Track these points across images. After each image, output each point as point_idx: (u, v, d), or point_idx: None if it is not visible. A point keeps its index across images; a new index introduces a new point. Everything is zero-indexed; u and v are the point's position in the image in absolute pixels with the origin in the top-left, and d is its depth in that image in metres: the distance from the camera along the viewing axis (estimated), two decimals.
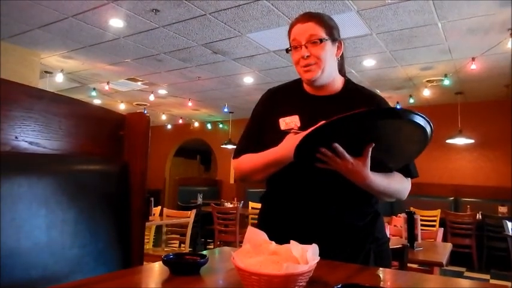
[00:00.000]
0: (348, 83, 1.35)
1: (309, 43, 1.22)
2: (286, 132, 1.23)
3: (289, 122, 1.25)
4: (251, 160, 1.28)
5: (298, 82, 1.37)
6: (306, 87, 1.34)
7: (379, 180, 1.13)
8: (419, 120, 0.95)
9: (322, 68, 1.23)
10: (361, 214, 1.24)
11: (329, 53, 1.24)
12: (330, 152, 1.00)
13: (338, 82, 1.32)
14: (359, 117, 0.92)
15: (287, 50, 1.29)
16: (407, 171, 1.26)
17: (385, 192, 1.19)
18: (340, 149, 1.00)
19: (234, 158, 1.36)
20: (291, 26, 1.28)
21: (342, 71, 1.35)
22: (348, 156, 1.02)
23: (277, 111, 1.30)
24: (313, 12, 1.28)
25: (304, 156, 1.04)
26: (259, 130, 1.33)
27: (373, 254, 1.21)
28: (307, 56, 1.22)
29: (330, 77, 1.28)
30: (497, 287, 1.04)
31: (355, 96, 1.30)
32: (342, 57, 1.34)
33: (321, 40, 1.22)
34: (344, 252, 1.18)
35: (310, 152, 1.02)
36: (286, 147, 1.14)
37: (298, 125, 1.24)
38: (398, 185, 1.23)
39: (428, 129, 0.98)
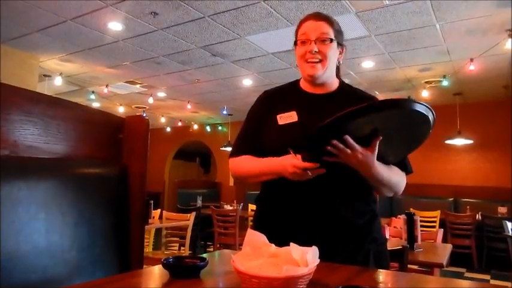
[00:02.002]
0: (343, 84, 1.39)
1: (318, 40, 1.26)
2: (284, 127, 1.27)
3: (287, 117, 1.28)
4: (249, 165, 1.32)
5: (294, 84, 1.40)
6: (303, 86, 1.37)
7: (383, 170, 1.16)
8: (423, 109, 0.97)
9: (326, 67, 1.27)
10: (360, 212, 1.26)
11: (334, 54, 1.29)
12: (341, 144, 1.02)
13: (334, 83, 1.36)
14: (369, 109, 0.95)
15: (295, 43, 1.32)
16: (404, 167, 1.29)
17: (387, 183, 1.21)
18: (351, 140, 1.02)
19: (230, 156, 1.39)
20: (303, 21, 1.31)
21: (337, 74, 1.39)
22: (358, 146, 1.04)
23: (274, 109, 1.32)
24: (325, 13, 1.32)
25: (313, 150, 1.06)
26: (255, 129, 1.35)
27: (372, 254, 1.22)
28: (315, 52, 1.25)
29: (329, 78, 1.32)
30: (498, 287, 1.04)
31: (351, 96, 1.33)
32: (340, 62, 1.38)
33: (331, 40, 1.27)
34: (344, 251, 1.19)
35: (319, 145, 1.04)
36: (284, 167, 1.15)
37: (296, 119, 1.27)
38: (398, 177, 1.26)
39: (430, 117, 1.00)
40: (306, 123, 1.24)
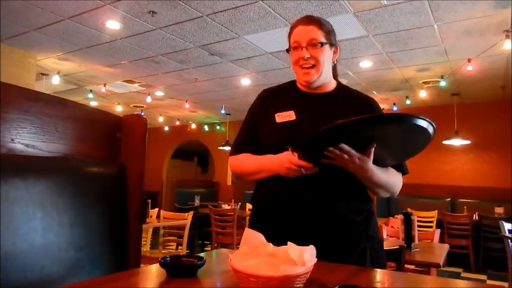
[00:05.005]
0: (340, 85, 1.40)
1: (309, 45, 1.27)
2: (281, 125, 1.28)
3: (285, 115, 1.30)
4: (247, 163, 1.34)
5: (292, 82, 1.42)
6: (301, 87, 1.38)
7: (379, 173, 1.17)
8: (423, 123, 0.97)
9: (320, 71, 1.28)
10: (356, 210, 1.26)
11: (327, 57, 1.30)
12: (337, 150, 1.02)
13: (332, 84, 1.38)
14: (365, 122, 0.95)
15: (287, 50, 1.33)
16: (400, 168, 1.30)
17: (383, 186, 1.22)
18: (347, 147, 1.03)
19: (231, 154, 1.41)
20: (293, 27, 1.33)
21: (334, 74, 1.40)
22: (355, 152, 1.05)
23: (273, 107, 1.34)
24: (314, 16, 1.33)
25: (311, 154, 1.07)
26: (254, 128, 1.37)
27: (369, 252, 1.23)
28: (307, 58, 1.27)
29: (325, 80, 1.34)
30: (494, 287, 1.04)
31: (348, 96, 1.35)
32: (336, 61, 1.38)
33: (322, 44, 1.27)
34: (341, 248, 1.19)
35: (317, 149, 1.04)
36: (280, 163, 1.18)
37: (294, 118, 1.28)
38: (394, 179, 1.27)
39: (431, 130, 1.00)
40: (304, 122, 1.26)
